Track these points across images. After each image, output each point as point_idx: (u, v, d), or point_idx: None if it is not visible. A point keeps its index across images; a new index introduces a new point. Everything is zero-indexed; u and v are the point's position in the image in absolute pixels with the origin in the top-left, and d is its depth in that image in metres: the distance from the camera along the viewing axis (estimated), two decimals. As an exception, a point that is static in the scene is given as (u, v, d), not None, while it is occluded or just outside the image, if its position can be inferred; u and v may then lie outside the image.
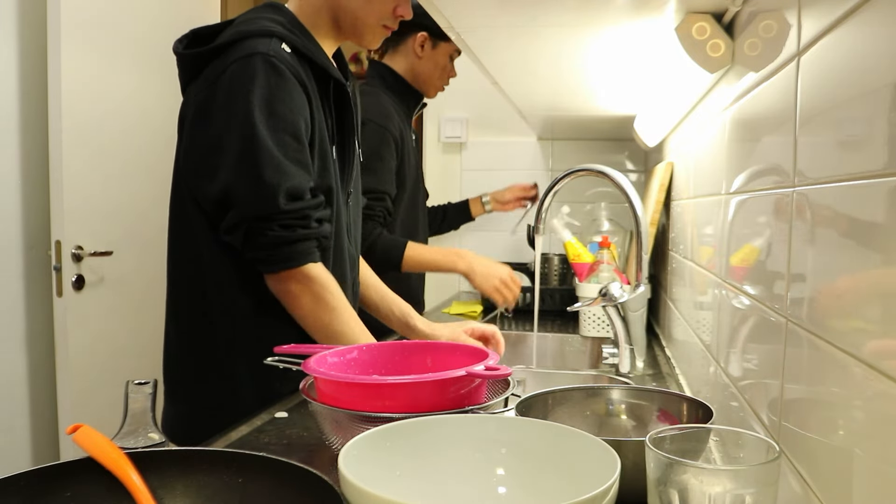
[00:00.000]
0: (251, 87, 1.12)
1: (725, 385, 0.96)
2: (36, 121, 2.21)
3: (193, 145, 1.18)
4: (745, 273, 0.86)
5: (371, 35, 1.28)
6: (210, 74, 1.16)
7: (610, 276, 1.73)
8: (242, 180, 1.12)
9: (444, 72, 1.98)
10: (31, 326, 2.23)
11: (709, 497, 0.53)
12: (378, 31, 1.28)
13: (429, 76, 1.96)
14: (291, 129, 1.14)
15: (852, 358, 0.50)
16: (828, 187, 0.57)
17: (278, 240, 1.13)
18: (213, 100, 1.14)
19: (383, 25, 1.27)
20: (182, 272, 1.26)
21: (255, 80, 1.12)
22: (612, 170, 1.33)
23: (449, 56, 1.97)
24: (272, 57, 1.13)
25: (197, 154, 1.18)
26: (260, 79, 1.12)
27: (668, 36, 1.03)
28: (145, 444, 0.74)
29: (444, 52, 1.95)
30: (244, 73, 1.12)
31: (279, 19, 1.21)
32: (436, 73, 1.97)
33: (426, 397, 0.83)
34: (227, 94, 1.13)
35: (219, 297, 1.21)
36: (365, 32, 1.27)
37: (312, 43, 1.23)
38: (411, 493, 0.65)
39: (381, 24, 1.27)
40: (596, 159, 2.69)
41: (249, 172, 1.11)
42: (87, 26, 2.18)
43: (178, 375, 1.27)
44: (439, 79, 1.98)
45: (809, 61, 0.63)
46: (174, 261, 1.27)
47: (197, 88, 1.18)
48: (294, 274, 1.16)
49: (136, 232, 2.41)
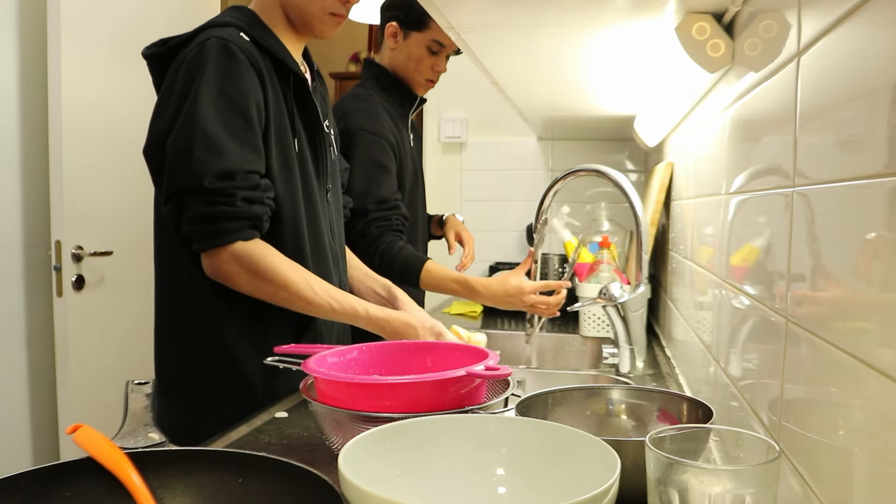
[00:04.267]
0: (202, 69, 1.14)
1: (725, 385, 0.96)
2: (36, 121, 2.21)
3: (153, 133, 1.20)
4: (745, 273, 0.86)
5: (321, 25, 1.28)
6: (172, 67, 1.19)
7: (610, 276, 1.73)
8: (176, 156, 1.14)
9: (419, 63, 1.89)
10: (31, 326, 2.23)
11: (709, 497, 0.53)
12: (327, 20, 1.28)
13: (404, 69, 1.91)
14: (240, 109, 1.15)
15: (852, 358, 0.50)
16: (828, 187, 0.57)
17: (199, 216, 1.14)
18: (172, 88, 1.17)
19: (331, 13, 1.27)
20: (165, 270, 1.27)
21: (207, 61, 1.14)
22: (612, 170, 1.33)
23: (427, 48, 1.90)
24: (226, 40, 1.15)
25: (151, 136, 1.20)
26: (211, 60, 1.14)
27: (668, 36, 1.03)
28: (145, 444, 0.74)
29: (417, 43, 1.89)
30: (198, 56, 1.15)
31: (240, 16, 1.24)
32: (410, 66, 1.90)
33: (426, 397, 0.83)
34: (182, 77, 1.15)
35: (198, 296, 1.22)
36: (314, 23, 1.28)
37: (272, 37, 1.25)
38: (411, 493, 0.65)
39: (327, 13, 1.27)
40: (596, 159, 2.69)
41: (182, 147, 1.13)
42: (87, 27, 2.18)
43: (169, 373, 1.28)
44: (416, 71, 1.91)
45: (809, 61, 0.63)
46: (158, 259, 1.28)
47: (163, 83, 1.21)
48: (222, 252, 1.15)
49: (136, 232, 2.41)
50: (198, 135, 1.12)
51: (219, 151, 1.12)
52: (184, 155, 1.12)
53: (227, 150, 1.12)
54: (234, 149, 1.13)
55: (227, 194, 1.13)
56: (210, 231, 1.14)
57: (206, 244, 1.15)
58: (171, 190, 1.15)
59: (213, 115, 1.12)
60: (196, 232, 1.15)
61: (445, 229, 2.06)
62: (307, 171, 1.26)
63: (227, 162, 1.12)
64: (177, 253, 1.22)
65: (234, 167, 1.13)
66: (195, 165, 1.11)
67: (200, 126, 1.12)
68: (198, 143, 1.11)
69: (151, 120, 1.21)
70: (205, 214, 1.13)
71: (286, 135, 1.23)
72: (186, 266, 1.21)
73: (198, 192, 1.12)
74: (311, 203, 1.27)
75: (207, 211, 1.13)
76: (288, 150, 1.23)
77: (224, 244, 1.14)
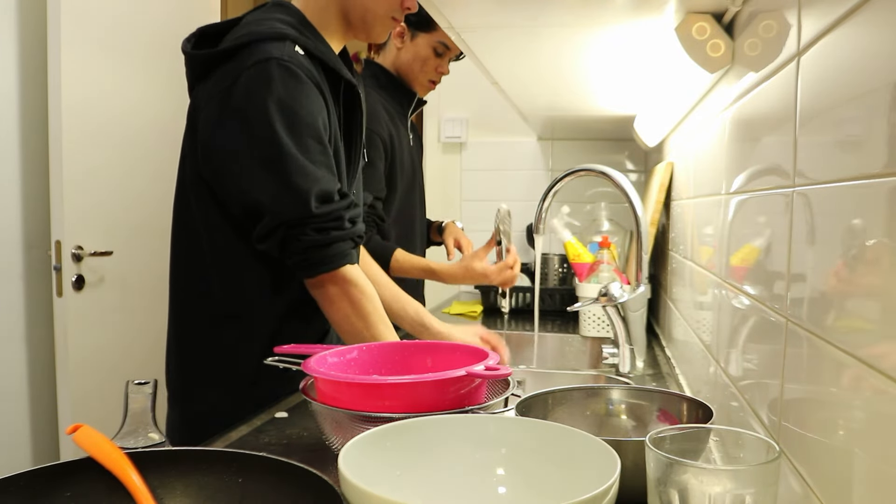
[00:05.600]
0: (269, 93, 1.11)
1: (725, 385, 0.96)
2: (36, 121, 2.21)
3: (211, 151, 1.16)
4: (745, 273, 0.86)
5: (381, 27, 1.28)
6: (223, 78, 1.15)
7: (610, 276, 1.74)
8: (271, 188, 1.11)
9: (424, 64, 1.92)
10: (31, 326, 2.23)
11: (709, 497, 0.53)
12: (387, 23, 1.28)
13: (409, 68, 1.93)
14: (313, 132, 1.13)
15: (852, 358, 0.50)
16: (828, 187, 0.57)
17: (313, 244, 1.13)
18: (229, 105, 1.13)
19: (392, 17, 1.27)
20: (183, 273, 1.26)
21: (272, 84, 1.11)
22: (612, 170, 1.33)
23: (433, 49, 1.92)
24: (287, 62, 1.12)
25: (217, 159, 1.16)
26: (277, 83, 1.11)
27: (668, 36, 1.03)
28: (145, 444, 0.74)
29: (425, 44, 1.91)
30: (260, 78, 1.11)
31: (288, 20, 1.20)
32: (416, 65, 1.92)
33: (426, 397, 0.83)
34: (244, 100, 1.12)
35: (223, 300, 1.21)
36: (375, 24, 1.27)
37: (322, 43, 1.22)
38: (411, 493, 0.65)
39: (390, 16, 1.27)
40: (596, 159, 2.69)
41: (277, 179, 1.11)
42: (87, 26, 2.18)
43: (179, 379, 1.27)
44: (420, 72, 1.93)
45: (809, 61, 0.63)
46: (176, 262, 1.27)
47: (209, 92, 1.16)
48: (331, 277, 1.16)
49: (136, 232, 2.41)
50: (290, 163, 1.10)
51: (314, 178, 1.11)
52: (280, 186, 1.11)
53: (317, 175, 1.12)
54: (321, 173, 1.13)
55: (334, 218, 1.13)
56: (322, 257, 1.14)
57: (318, 269, 1.15)
58: (276, 223, 1.13)
59: (296, 143, 1.11)
60: (308, 260, 1.15)
61: (444, 236, 2.08)
62: (342, 175, 1.26)
63: (323, 186, 1.12)
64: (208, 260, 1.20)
65: (330, 190, 1.13)
66: (297, 195, 1.10)
67: (290, 155, 1.10)
68: (293, 172, 1.11)
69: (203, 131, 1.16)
70: (318, 242, 1.13)
71: (338, 144, 1.23)
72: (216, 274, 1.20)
73: (309, 220, 1.12)
74: None
75: (319, 238, 1.13)
76: (339, 158, 1.23)
77: (339, 266, 1.16)
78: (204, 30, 1.22)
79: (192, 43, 1.21)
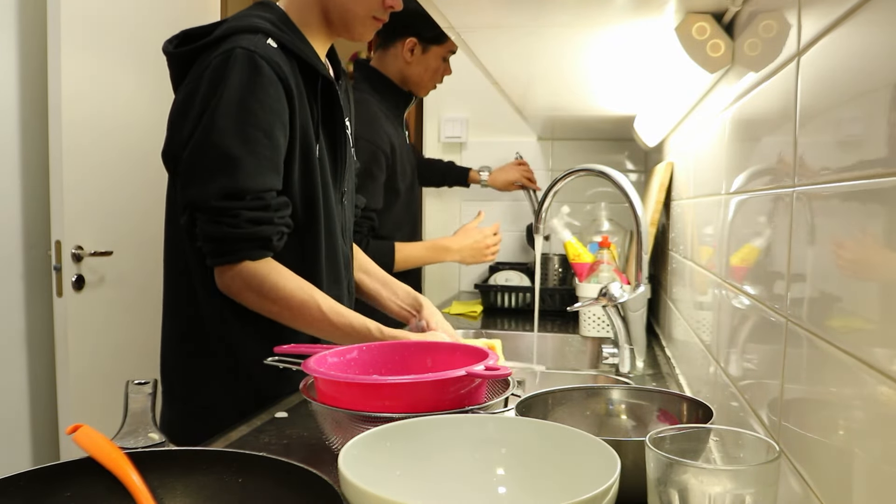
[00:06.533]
0: (226, 81, 1.12)
1: (725, 385, 0.96)
2: (36, 121, 2.21)
3: (172, 139, 1.19)
4: (745, 273, 0.86)
5: (362, 27, 1.27)
6: (196, 70, 1.17)
7: (610, 276, 1.73)
8: (189, 169, 1.14)
9: (435, 74, 1.98)
10: (31, 326, 2.23)
11: (709, 497, 0.53)
12: (369, 23, 1.27)
13: (419, 80, 1.97)
14: (261, 123, 1.13)
15: (852, 358, 0.50)
16: (828, 187, 0.57)
17: (205, 234, 1.14)
18: (195, 94, 1.15)
19: (373, 17, 1.27)
20: (175, 271, 1.26)
21: (231, 73, 1.12)
22: (612, 170, 1.33)
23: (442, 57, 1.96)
24: (253, 52, 1.13)
25: (170, 140, 1.19)
26: (236, 72, 1.12)
27: (668, 36, 1.02)
28: (145, 444, 0.74)
29: (436, 56, 1.95)
30: (223, 66, 1.13)
31: (268, 16, 1.21)
32: (426, 76, 1.96)
33: (426, 397, 0.83)
34: (206, 87, 1.14)
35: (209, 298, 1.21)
36: (355, 24, 1.26)
37: (301, 40, 1.23)
38: (411, 493, 0.65)
39: (370, 16, 1.26)
40: (596, 159, 2.69)
41: (195, 161, 1.13)
42: (87, 26, 2.18)
43: (175, 377, 1.27)
44: (430, 80, 1.98)
45: (809, 61, 0.63)
46: (168, 260, 1.27)
47: (185, 83, 1.19)
48: (229, 270, 1.15)
49: (136, 232, 2.41)
50: (213, 150, 1.11)
51: (231, 169, 1.11)
52: (196, 169, 1.12)
53: (240, 167, 1.11)
54: (248, 166, 1.11)
55: (231, 215, 1.12)
56: (217, 249, 1.14)
57: (215, 261, 1.15)
58: (184, 203, 1.15)
59: (232, 130, 1.11)
60: (205, 247, 1.15)
61: None
62: (325, 175, 1.25)
63: (238, 180, 1.11)
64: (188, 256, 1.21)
65: (244, 186, 1.11)
66: (205, 182, 1.11)
67: (216, 141, 1.11)
68: (211, 158, 1.11)
69: (171, 122, 1.19)
70: (211, 233, 1.13)
71: (310, 141, 1.21)
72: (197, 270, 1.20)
73: (205, 210, 1.12)
74: (328, 207, 1.26)
75: (213, 230, 1.13)
76: (310, 156, 1.22)
77: (231, 263, 1.14)
78: (187, 32, 1.23)
79: (174, 44, 1.22)
